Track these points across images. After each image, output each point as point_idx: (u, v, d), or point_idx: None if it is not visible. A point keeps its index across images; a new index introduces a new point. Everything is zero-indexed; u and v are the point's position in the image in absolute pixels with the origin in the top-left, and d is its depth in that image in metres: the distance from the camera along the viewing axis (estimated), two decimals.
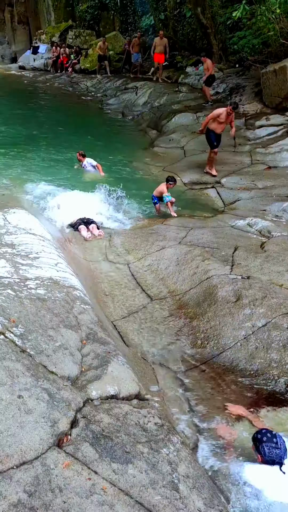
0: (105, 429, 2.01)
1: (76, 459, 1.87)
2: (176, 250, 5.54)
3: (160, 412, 2.32)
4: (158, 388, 3.16)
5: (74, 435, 1.96)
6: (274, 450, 2.33)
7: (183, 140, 10.30)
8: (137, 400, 2.41)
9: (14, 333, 2.49)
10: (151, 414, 2.22)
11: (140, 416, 2.18)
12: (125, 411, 2.18)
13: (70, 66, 19.17)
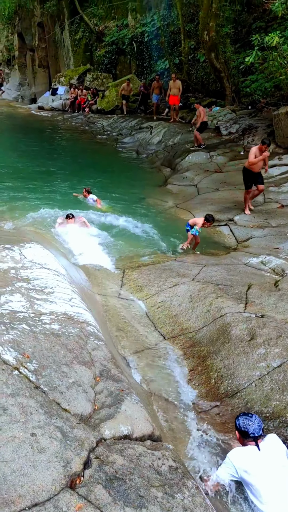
0: (118, 471, 1.96)
1: (89, 502, 1.82)
2: (189, 287, 5.54)
3: (174, 454, 2.26)
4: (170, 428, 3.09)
5: (87, 476, 1.91)
6: (247, 421, 2.82)
7: (197, 178, 10.47)
8: (151, 441, 2.36)
9: (28, 369, 2.48)
10: (165, 457, 2.17)
11: (154, 458, 2.13)
12: (138, 453, 2.14)
13: (87, 107, 19.87)
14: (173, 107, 14.89)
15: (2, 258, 4.38)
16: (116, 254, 6.94)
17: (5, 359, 2.46)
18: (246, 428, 2.80)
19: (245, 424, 2.82)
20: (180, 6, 14.64)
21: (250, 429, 2.78)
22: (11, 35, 29.29)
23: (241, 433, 2.83)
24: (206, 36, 12.45)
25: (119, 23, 20.72)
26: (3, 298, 3.34)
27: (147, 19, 18.82)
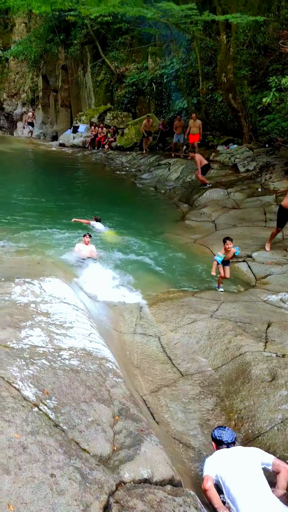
0: None
1: None
2: (207, 323, 5.48)
3: (195, 501, 2.18)
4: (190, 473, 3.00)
5: None
6: (222, 431, 3.26)
7: (214, 214, 10.54)
8: (171, 486, 2.28)
9: (48, 406, 2.46)
10: (187, 503, 2.09)
11: (175, 505, 2.05)
12: (159, 498, 2.07)
13: (107, 144, 20.43)
14: (192, 145, 15.21)
15: (22, 292, 4.43)
16: (133, 289, 6.94)
17: (25, 395, 2.45)
18: (220, 437, 3.23)
19: (219, 434, 3.25)
20: (198, 50, 15.20)
21: (224, 437, 3.21)
22: (36, 77, 30.60)
23: (216, 441, 3.25)
24: (224, 78, 12.84)
25: (139, 65, 21.53)
26: (23, 332, 3.36)
27: (167, 62, 19.55)
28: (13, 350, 2.99)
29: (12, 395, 2.38)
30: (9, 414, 2.21)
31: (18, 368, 2.70)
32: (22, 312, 3.85)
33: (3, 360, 2.76)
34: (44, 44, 26.96)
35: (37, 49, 27.52)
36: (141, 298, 6.65)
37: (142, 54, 21.48)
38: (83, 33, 23.85)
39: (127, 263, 7.97)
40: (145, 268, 7.85)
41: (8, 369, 2.66)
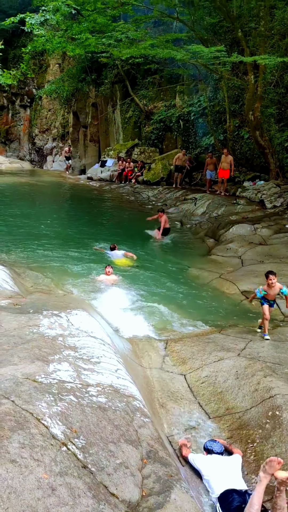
0: None
1: None
2: (235, 362, 5.35)
3: None
4: None
5: None
6: (212, 443, 3.87)
7: (241, 249, 10.46)
8: None
9: (76, 445, 2.41)
10: None
11: None
12: None
13: (134, 178, 20.81)
14: (222, 180, 15.31)
15: (50, 324, 4.44)
16: (158, 324, 6.87)
17: (54, 433, 2.41)
18: (211, 447, 3.83)
19: (210, 445, 3.86)
20: (226, 89, 15.55)
21: (214, 448, 3.80)
22: (67, 114, 31.80)
23: (207, 451, 3.84)
24: (252, 116, 13.04)
25: (167, 103, 22.13)
26: (51, 367, 3.34)
27: (194, 100, 20.04)
28: (41, 384, 2.97)
29: (41, 432, 2.34)
30: (38, 453, 2.17)
31: (46, 404, 2.67)
32: (50, 345, 3.85)
33: (32, 395, 2.74)
34: (76, 83, 28.15)
35: (69, 88, 28.73)
36: (167, 333, 6.57)
37: (170, 92, 22.12)
38: (114, 73, 24.81)
39: (152, 297, 7.93)
40: (170, 302, 7.78)
41: (37, 404, 2.63)
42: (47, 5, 13.55)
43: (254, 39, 12.91)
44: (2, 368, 3.16)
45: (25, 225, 12.53)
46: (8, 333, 4.09)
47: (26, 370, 3.17)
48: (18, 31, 32.81)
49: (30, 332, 4.12)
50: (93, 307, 6.96)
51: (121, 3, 13.42)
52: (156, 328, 6.71)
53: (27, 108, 36.83)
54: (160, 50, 12.59)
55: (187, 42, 15.76)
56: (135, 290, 8.19)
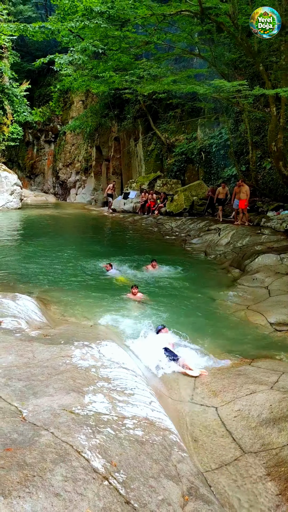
0: None
1: None
2: (268, 396, 5.19)
3: None
4: None
5: None
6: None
7: (268, 280, 10.33)
8: None
9: (117, 480, 2.36)
10: None
11: None
12: None
13: (157, 209, 21.04)
14: (241, 210, 15.33)
15: (83, 355, 4.43)
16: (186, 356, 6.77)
17: (95, 466, 2.37)
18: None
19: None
20: (248, 121, 15.80)
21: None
22: (90, 148, 32.71)
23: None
24: (274, 147, 13.16)
25: (188, 136, 22.57)
26: (87, 398, 3.32)
27: (215, 132, 20.39)
28: (78, 416, 2.95)
29: (82, 465, 2.31)
30: (81, 487, 2.13)
31: (85, 437, 2.65)
32: (83, 376, 3.83)
33: (70, 427, 2.72)
34: (99, 119, 29.08)
35: (92, 123, 29.68)
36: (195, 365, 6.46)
37: (192, 125, 22.59)
38: (136, 108, 25.56)
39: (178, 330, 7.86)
40: (197, 335, 7.68)
41: (76, 437, 2.61)
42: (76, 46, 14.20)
43: (276, 73, 13.18)
44: (38, 399, 3.16)
45: (50, 257, 12.75)
46: (41, 363, 4.10)
47: (62, 402, 3.15)
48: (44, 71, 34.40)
49: (63, 363, 4.12)
50: (120, 338, 6.94)
51: (145, 42, 13.95)
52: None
53: (52, 144, 38.12)
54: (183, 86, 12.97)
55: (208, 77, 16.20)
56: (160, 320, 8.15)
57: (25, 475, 2.07)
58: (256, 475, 4.03)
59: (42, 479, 2.09)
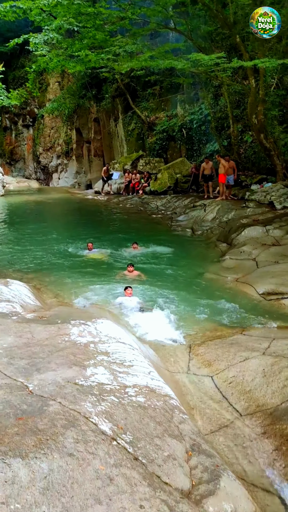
0: None
1: None
2: (261, 361, 5.40)
3: None
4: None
5: None
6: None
7: (255, 252, 10.53)
8: None
9: (124, 440, 2.51)
10: None
11: None
12: None
13: (141, 189, 21.04)
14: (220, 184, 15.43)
15: (80, 332, 4.56)
16: (180, 329, 6.95)
17: (103, 429, 2.51)
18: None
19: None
20: (227, 95, 15.76)
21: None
22: (69, 131, 32.28)
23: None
24: (255, 119, 13.20)
25: (169, 113, 22.44)
26: (89, 371, 3.45)
27: (195, 108, 20.31)
28: (82, 387, 3.08)
29: (91, 429, 2.45)
30: (92, 447, 2.27)
31: (91, 404, 2.78)
32: (83, 352, 3.96)
33: (76, 396, 2.85)
34: (77, 100, 28.62)
35: (70, 105, 29.21)
36: (189, 338, 6.65)
37: (171, 102, 22.43)
38: (114, 87, 25.21)
39: (170, 304, 8.01)
40: (189, 308, 7.86)
41: (83, 405, 2.74)
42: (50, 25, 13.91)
43: (252, 44, 13.12)
44: (42, 374, 3.28)
45: (38, 242, 12.76)
46: (41, 343, 4.22)
47: (66, 375, 3.28)
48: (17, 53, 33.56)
49: (62, 341, 4.24)
50: (115, 315, 7.09)
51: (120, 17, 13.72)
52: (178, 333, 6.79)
53: (30, 128, 37.46)
54: (161, 61, 12.85)
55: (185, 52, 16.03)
56: (152, 296, 8.30)
57: (39, 439, 2.20)
58: (252, 434, 4.25)
59: (55, 442, 2.22)
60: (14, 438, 2.17)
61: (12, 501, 1.79)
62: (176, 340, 6.55)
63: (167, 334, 6.72)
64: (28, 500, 1.83)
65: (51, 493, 1.90)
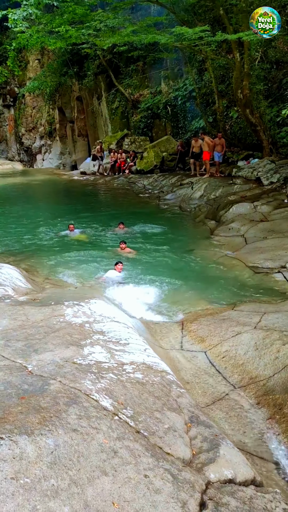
0: None
1: None
2: (252, 335, 5.51)
3: (285, 497, 2.24)
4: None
5: None
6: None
7: (243, 228, 10.60)
8: (254, 486, 2.35)
9: (125, 415, 2.57)
10: (277, 499, 2.15)
11: (266, 501, 2.12)
12: (249, 495, 2.14)
13: (127, 169, 20.87)
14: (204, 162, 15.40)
15: (75, 313, 4.59)
16: (172, 306, 7.04)
17: (104, 405, 2.57)
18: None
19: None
20: (212, 70, 15.57)
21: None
22: (52, 110, 31.66)
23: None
24: (240, 94, 13.11)
25: (153, 90, 22.12)
26: (86, 350, 3.50)
27: (180, 84, 20.03)
28: (81, 366, 3.13)
29: (92, 405, 2.50)
30: (95, 422, 2.33)
31: (91, 382, 2.84)
32: (79, 331, 4.00)
33: (75, 375, 2.90)
34: (59, 78, 27.97)
35: (51, 83, 28.55)
36: (181, 315, 6.73)
37: (155, 78, 22.08)
38: (96, 64, 24.70)
39: (161, 282, 8.08)
40: (180, 286, 7.93)
41: (83, 383, 2.80)
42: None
43: (236, 16, 12.92)
44: (40, 355, 3.32)
45: (26, 225, 12.67)
46: (36, 324, 4.24)
47: (63, 355, 3.32)
48: None
49: (57, 322, 4.27)
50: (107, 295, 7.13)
51: None
52: (168, 310, 6.88)
53: (11, 108, 36.61)
54: (144, 36, 12.60)
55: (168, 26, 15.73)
56: (142, 275, 8.36)
57: (43, 417, 2.25)
58: (247, 405, 4.38)
59: (59, 419, 2.28)
60: (19, 417, 2.21)
61: (21, 476, 1.84)
62: (168, 317, 6.64)
63: (159, 312, 6.81)
64: (36, 474, 1.88)
65: (59, 467, 1.96)
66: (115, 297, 7.24)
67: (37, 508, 1.72)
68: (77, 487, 1.88)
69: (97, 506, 1.82)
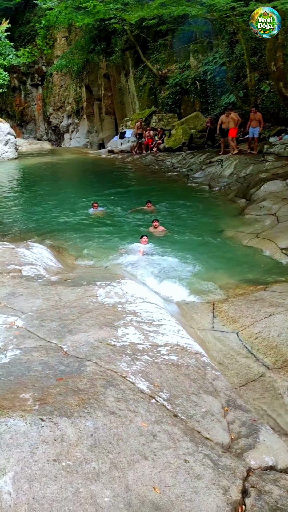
0: (278, 501, 1.93)
1: None
2: (286, 316, 5.39)
3: None
4: None
5: (249, 505, 1.90)
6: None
7: (275, 207, 10.32)
8: None
9: (162, 398, 2.55)
10: None
11: None
12: None
13: (155, 146, 20.57)
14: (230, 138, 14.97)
15: (107, 293, 4.58)
16: (202, 286, 6.95)
17: (141, 388, 2.55)
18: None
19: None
20: (244, 42, 15.00)
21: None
22: (79, 88, 31.40)
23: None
24: (274, 66, 12.59)
25: (181, 65, 21.55)
26: (120, 331, 3.48)
27: (209, 58, 19.42)
28: (116, 347, 3.11)
29: (129, 388, 2.49)
30: (132, 405, 2.31)
31: (126, 364, 2.82)
32: (112, 312, 3.99)
33: (111, 356, 2.89)
34: (86, 55, 27.60)
35: (79, 60, 28.22)
36: (212, 295, 6.65)
37: (184, 53, 21.49)
38: (123, 39, 24.20)
39: (191, 261, 7.99)
40: (210, 265, 7.82)
41: (118, 364, 2.78)
42: None
43: None
44: (74, 335, 3.32)
45: (53, 204, 12.71)
46: (69, 304, 4.25)
47: (98, 336, 3.32)
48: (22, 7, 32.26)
49: (90, 302, 4.27)
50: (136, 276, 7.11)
51: None
52: (200, 290, 6.79)
53: (39, 87, 36.52)
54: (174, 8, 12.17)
55: None
56: (172, 255, 8.26)
57: (81, 399, 2.25)
58: (282, 387, 4.30)
59: (97, 401, 2.27)
60: (58, 398, 2.22)
61: (63, 458, 1.84)
62: (199, 297, 6.57)
63: (189, 291, 6.74)
64: (78, 457, 1.88)
65: (99, 450, 1.96)
66: (145, 277, 7.21)
67: (80, 490, 1.73)
68: (117, 470, 1.87)
69: (138, 490, 1.81)
